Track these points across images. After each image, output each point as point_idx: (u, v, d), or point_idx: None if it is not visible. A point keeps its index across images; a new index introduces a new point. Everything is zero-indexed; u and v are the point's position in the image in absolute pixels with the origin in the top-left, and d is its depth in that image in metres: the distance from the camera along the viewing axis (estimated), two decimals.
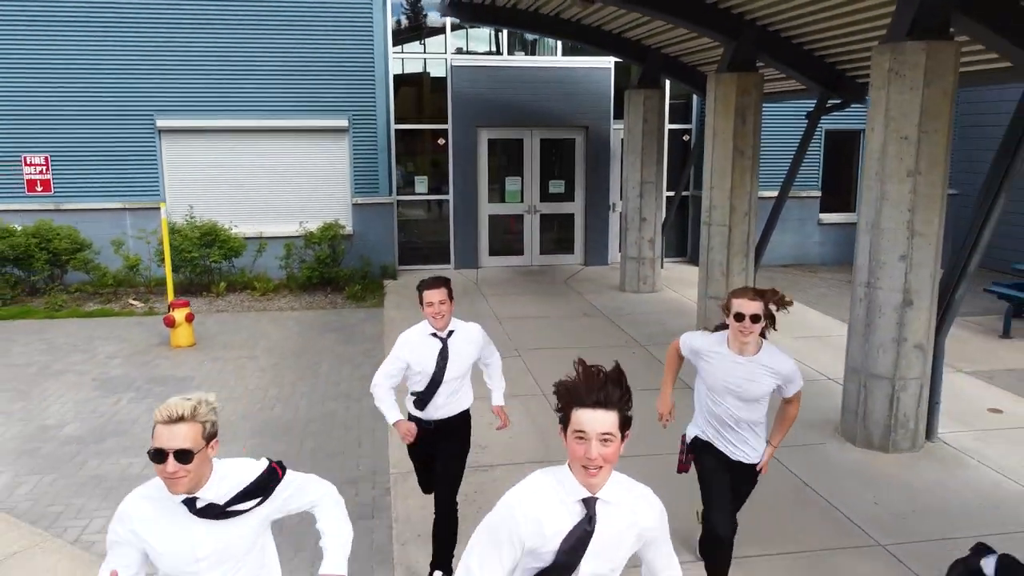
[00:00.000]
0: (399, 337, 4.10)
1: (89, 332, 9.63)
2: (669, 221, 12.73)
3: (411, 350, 4.02)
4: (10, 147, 11.63)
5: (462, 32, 13.25)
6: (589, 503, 2.08)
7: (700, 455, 3.98)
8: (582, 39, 11.27)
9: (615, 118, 13.42)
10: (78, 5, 11.40)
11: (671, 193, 13.02)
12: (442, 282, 4.02)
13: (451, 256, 13.56)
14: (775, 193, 10.19)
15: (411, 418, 4.16)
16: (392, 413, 4.09)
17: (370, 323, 10.12)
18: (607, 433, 2.00)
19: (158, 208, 11.84)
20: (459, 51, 13.25)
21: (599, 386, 2.02)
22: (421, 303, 3.99)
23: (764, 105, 10.60)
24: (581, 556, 2.10)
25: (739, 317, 3.60)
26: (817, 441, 6.24)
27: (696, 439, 4.01)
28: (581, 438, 2.01)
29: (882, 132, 5.67)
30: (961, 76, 6.77)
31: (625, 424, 2.05)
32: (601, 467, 2.03)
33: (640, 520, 2.16)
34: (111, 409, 7.06)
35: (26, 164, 11.72)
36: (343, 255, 11.91)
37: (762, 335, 3.71)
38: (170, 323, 8.86)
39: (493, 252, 13.74)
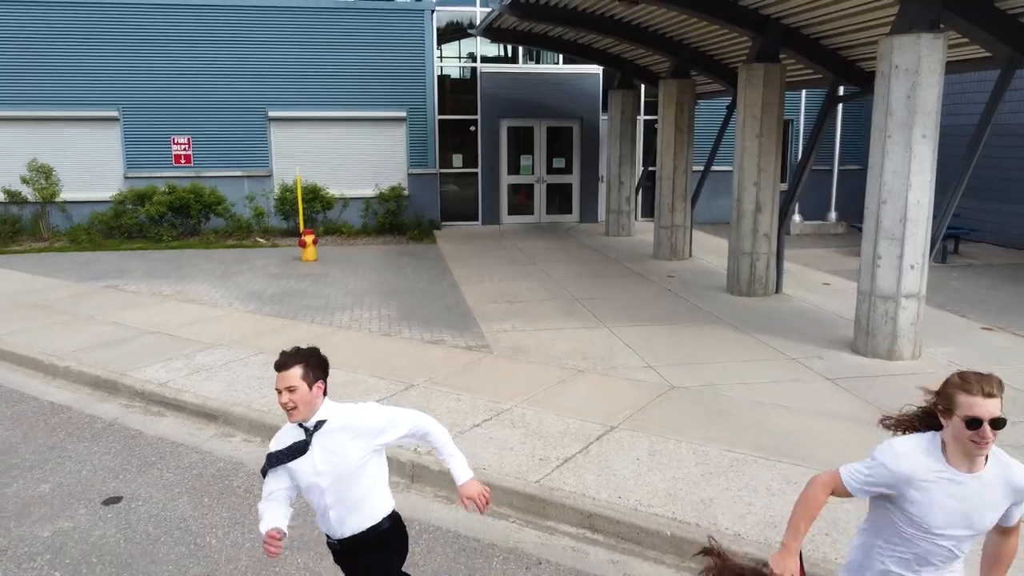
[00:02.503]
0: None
1: (239, 255, 14.08)
2: (641, 183, 17.13)
3: (276, 445, 2.96)
4: (163, 130, 16.06)
5: (485, 42, 17.68)
6: None
7: None
8: (578, 53, 15.70)
9: (603, 111, 17.84)
10: (213, 31, 15.82)
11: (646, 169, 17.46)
12: (295, 359, 2.83)
13: (479, 215, 18.00)
14: (725, 166, 14.66)
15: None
16: (265, 517, 2.91)
17: (430, 251, 14.58)
18: None
19: (269, 175, 16.34)
20: (485, 60, 17.68)
21: None
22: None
23: (714, 100, 15.02)
24: None
25: (974, 423, 2.25)
26: (711, 295, 10.67)
27: None
28: None
29: (743, 112, 10.12)
30: (797, 83, 11.27)
31: None
32: None
33: None
34: (285, 285, 11.50)
35: (174, 143, 16.15)
36: (405, 209, 16.35)
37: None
38: (302, 244, 13.31)
39: (511, 212, 18.20)
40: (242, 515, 5.05)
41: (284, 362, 2.83)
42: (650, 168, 17.34)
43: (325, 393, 2.94)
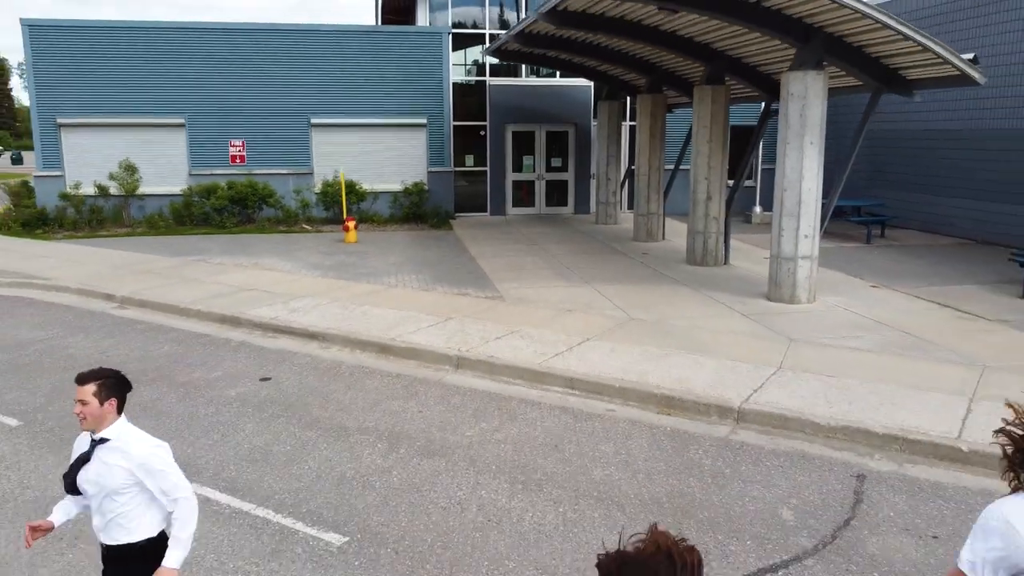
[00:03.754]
0: None
1: (291, 239, 17.02)
2: (625, 179, 20.06)
3: (75, 449, 3.30)
4: (221, 134, 18.99)
5: (493, 59, 20.61)
6: None
7: None
8: (572, 70, 18.62)
9: (593, 118, 20.76)
10: (263, 50, 18.76)
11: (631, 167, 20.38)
12: (92, 377, 3.17)
13: (488, 207, 20.93)
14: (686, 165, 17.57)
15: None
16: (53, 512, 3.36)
17: (449, 236, 17.53)
18: None
19: (311, 173, 19.27)
20: (493, 74, 20.61)
21: None
22: None
23: (685, 109, 17.95)
24: None
25: None
26: (674, 265, 13.60)
27: None
28: None
29: (696, 123, 13.05)
30: (741, 99, 14.22)
31: None
32: None
33: None
34: (338, 259, 14.43)
35: (231, 146, 19.09)
36: (425, 201, 19.30)
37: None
38: (346, 228, 16.26)
39: (515, 204, 21.14)
40: (352, 384, 8.01)
41: (83, 378, 3.16)
42: (632, 167, 20.29)
43: (120, 411, 3.24)
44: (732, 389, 7.26)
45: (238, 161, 19.15)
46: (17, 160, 55.37)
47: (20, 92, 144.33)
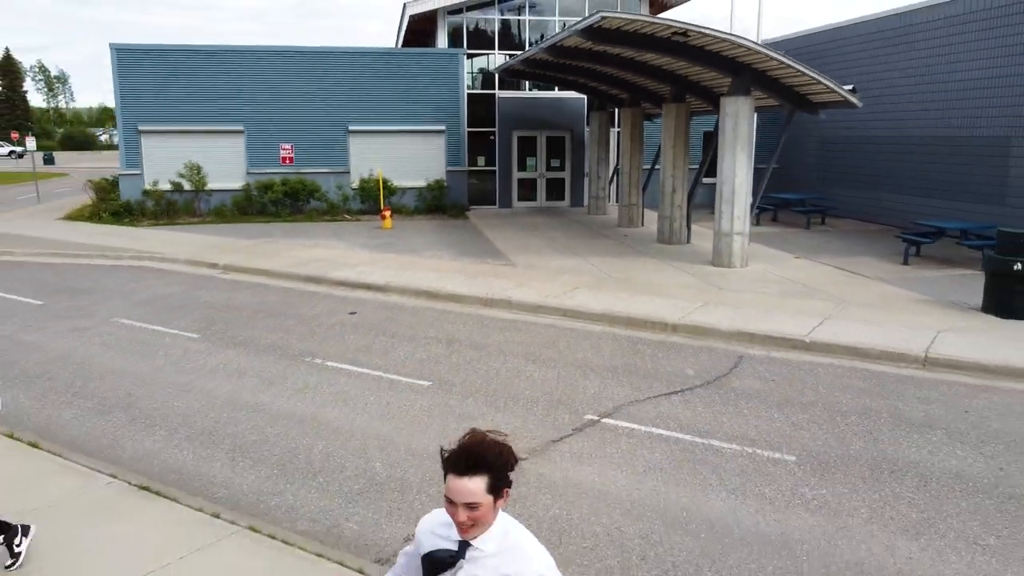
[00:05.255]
0: None
1: (337, 226, 20.65)
2: (613, 177, 23.72)
3: None
4: (273, 139, 22.63)
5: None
6: (462, 546, 2.27)
7: None
8: (566, 86, 22.25)
9: (586, 125, 24.39)
10: (309, 68, 22.41)
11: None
12: None
13: (497, 200, 24.58)
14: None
15: None
16: None
17: (466, 224, 21.18)
18: (473, 503, 2.16)
19: (347, 172, 22.91)
20: (501, 87, 24.27)
21: (463, 455, 2.15)
22: None
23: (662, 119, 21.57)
24: None
25: None
26: (648, 244, 17.25)
27: None
28: (450, 502, 2.19)
29: (664, 132, 16.70)
30: (700, 112, 17.93)
31: (498, 486, 2.19)
32: (470, 527, 2.21)
33: (510, 572, 2.23)
34: (380, 240, 18.07)
35: (282, 148, 22.72)
36: (445, 196, 22.96)
37: None
38: (383, 217, 19.92)
39: (520, 198, 24.80)
40: (414, 315, 11.66)
41: None
42: (618, 166, 23.95)
43: None
44: (671, 314, 10.91)
45: (287, 162, 22.78)
46: (49, 160, 58.84)
47: (34, 94, 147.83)
